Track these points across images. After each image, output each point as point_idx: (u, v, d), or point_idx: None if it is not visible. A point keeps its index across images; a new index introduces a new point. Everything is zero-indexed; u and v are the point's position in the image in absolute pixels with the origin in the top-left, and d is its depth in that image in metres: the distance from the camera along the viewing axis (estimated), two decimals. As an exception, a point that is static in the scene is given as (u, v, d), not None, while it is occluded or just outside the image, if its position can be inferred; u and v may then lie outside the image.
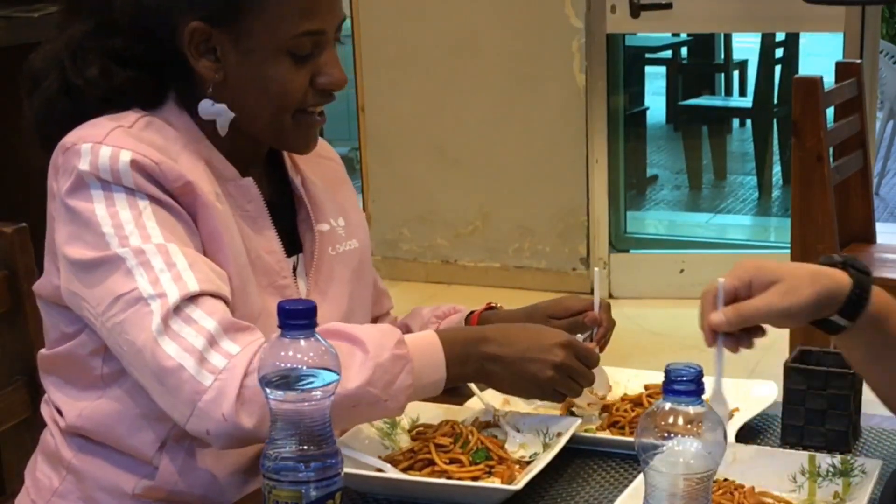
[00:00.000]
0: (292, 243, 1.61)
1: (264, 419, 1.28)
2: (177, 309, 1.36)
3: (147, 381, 1.38)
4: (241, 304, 1.47)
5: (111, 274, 1.39)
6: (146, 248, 1.39)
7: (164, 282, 1.37)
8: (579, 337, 1.63)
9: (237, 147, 1.54)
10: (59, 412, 1.55)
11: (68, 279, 1.44)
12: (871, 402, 1.51)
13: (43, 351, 1.57)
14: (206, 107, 1.50)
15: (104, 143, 1.42)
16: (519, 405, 1.63)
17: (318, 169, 1.69)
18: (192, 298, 1.37)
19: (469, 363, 1.48)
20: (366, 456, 1.46)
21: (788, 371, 1.53)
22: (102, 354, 1.48)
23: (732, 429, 1.52)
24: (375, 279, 1.78)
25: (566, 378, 1.50)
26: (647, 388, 1.68)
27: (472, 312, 1.76)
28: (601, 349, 1.64)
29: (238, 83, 1.49)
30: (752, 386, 1.66)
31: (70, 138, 1.45)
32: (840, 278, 1.33)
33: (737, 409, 1.59)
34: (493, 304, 1.78)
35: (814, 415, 1.51)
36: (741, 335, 1.35)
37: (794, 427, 1.53)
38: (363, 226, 1.72)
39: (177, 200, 1.44)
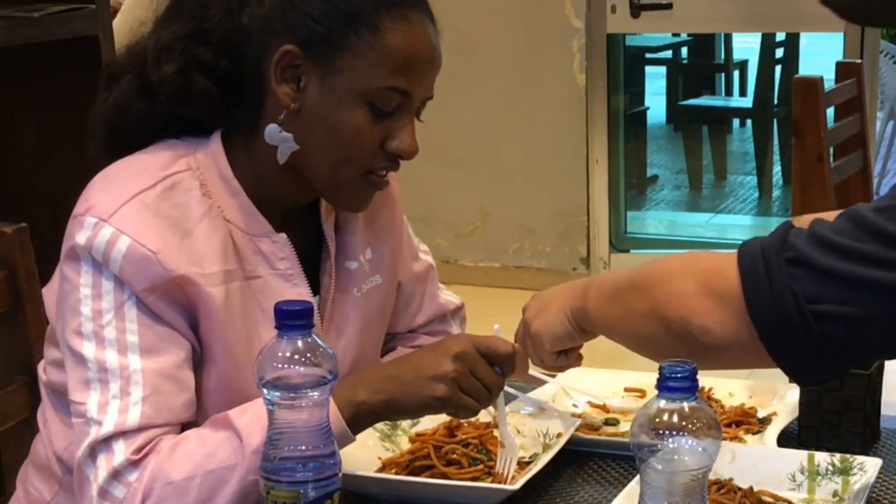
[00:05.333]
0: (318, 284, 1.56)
1: None
2: (106, 440, 1.35)
3: None
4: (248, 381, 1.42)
5: (74, 368, 1.39)
6: (110, 365, 1.37)
7: (110, 410, 1.36)
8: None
9: (277, 198, 1.50)
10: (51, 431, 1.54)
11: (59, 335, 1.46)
12: (891, 405, 1.51)
13: (47, 367, 1.55)
14: (273, 131, 1.45)
15: (109, 221, 1.38)
16: (519, 406, 1.63)
17: None
18: (124, 433, 1.36)
19: (360, 390, 1.40)
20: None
21: None
22: None
23: (772, 434, 1.52)
24: (426, 292, 1.73)
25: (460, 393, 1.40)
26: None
27: None
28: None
29: (311, 118, 1.44)
30: (787, 390, 1.64)
31: (82, 206, 1.42)
32: None
33: (774, 414, 1.59)
34: None
35: (830, 416, 1.51)
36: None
37: (811, 428, 1.52)
38: (390, 254, 1.63)
39: (169, 290, 1.40)
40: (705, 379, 1.66)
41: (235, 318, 1.44)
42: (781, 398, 1.63)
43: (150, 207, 1.40)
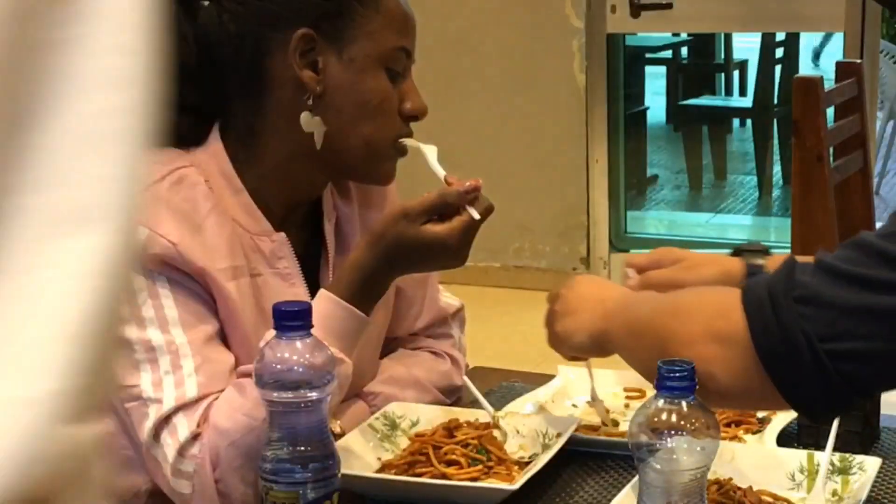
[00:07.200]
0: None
1: (245, 498, 1.36)
2: (167, 418, 1.36)
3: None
4: None
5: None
6: (157, 343, 1.37)
7: (166, 386, 1.37)
8: None
9: (279, 197, 1.51)
10: None
11: None
12: (891, 405, 1.51)
13: None
14: (307, 118, 1.47)
15: None
16: (519, 406, 1.63)
17: (365, 190, 1.64)
18: (184, 407, 1.37)
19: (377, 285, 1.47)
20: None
21: None
22: None
23: (772, 434, 1.52)
24: (426, 296, 1.74)
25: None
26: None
27: None
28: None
29: (337, 96, 1.47)
30: None
31: None
32: (734, 264, 1.52)
33: (774, 414, 1.59)
34: None
35: None
36: None
37: (810, 428, 1.52)
38: None
39: (192, 279, 1.41)
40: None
41: (248, 312, 1.45)
42: None
43: (162, 199, 1.41)
